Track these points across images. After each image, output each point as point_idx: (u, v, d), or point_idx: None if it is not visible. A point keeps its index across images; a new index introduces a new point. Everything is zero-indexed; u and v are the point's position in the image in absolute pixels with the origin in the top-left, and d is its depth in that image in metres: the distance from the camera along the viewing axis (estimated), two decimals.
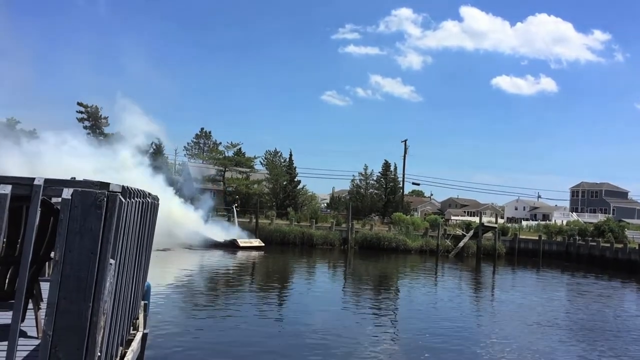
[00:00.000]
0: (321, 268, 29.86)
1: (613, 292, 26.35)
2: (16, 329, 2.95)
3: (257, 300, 17.77)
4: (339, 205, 62.12)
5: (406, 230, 41.95)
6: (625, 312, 20.34)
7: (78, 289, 2.87)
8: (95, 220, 2.92)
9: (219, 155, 55.05)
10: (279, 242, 38.64)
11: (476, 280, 28.99)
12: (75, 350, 2.85)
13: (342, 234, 40.92)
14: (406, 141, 58.95)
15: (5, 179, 2.97)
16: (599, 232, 42.98)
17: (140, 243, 4.76)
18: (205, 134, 73.55)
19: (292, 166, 55.49)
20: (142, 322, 5.95)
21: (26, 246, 3.02)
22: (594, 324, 16.48)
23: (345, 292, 21.63)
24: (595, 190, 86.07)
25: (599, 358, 12.39)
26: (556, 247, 42.54)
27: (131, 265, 4.39)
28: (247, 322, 14.06)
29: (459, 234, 42.86)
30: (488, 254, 39.50)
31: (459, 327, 14.84)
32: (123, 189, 3.31)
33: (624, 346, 13.69)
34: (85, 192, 2.93)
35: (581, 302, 21.78)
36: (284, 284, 22.68)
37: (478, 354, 12.12)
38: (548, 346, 13.18)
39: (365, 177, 61.14)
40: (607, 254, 37.47)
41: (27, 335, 4.14)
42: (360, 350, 11.74)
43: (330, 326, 13.90)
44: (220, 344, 11.56)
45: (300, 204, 52.53)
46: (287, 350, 11.43)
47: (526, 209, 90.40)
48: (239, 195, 47.91)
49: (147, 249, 5.78)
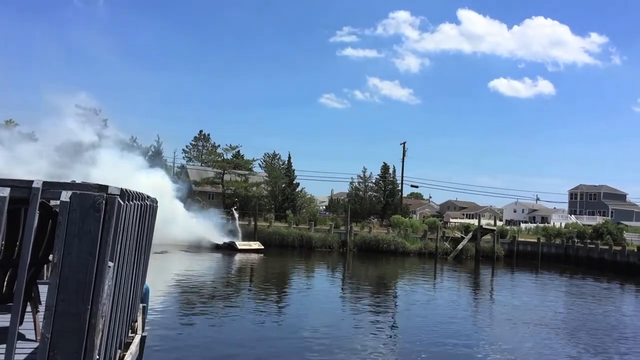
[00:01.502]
0: (320, 271, 29.84)
1: (611, 294, 26.37)
2: (14, 331, 2.95)
3: (256, 303, 17.75)
4: (337, 207, 62.10)
5: (405, 233, 41.97)
6: (624, 314, 20.35)
7: (76, 291, 2.87)
8: (93, 222, 2.91)
9: (217, 157, 55.01)
10: (278, 244, 38.61)
11: (475, 282, 28.99)
12: (73, 353, 2.84)
13: (340, 236, 40.91)
14: (405, 143, 59.10)
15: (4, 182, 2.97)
16: (597, 234, 43.01)
17: (138, 246, 4.76)
18: (204, 136, 73.46)
19: (291, 169, 55.48)
20: (140, 325, 5.94)
21: (25, 249, 3.01)
22: (591, 326, 16.48)
23: (343, 295, 21.61)
24: (594, 192, 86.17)
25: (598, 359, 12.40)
26: (555, 249, 42.57)
27: (130, 268, 4.39)
28: (245, 324, 14.05)
29: (457, 236, 42.86)
30: (487, 257, 39.52)
31: (457, 330, 14.83)
32: (122, 191, 3.30)
33: (621, 348, 13.70)
34: (83, 194, 2.92)
35: (579, 305, 21.78)
36: (283, 286, 22.66)
37: (476, 356, 12.11)
38: (545, 348, 13.18)
39: (364, 179, 61.18)
40: (606, 256, 37.50)
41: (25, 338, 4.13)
42: (359, 352, 11.72)
43: (328, 329, 13.89)
44: (219, 347, 11.54)
45: (299, 207, 52.50)
46: (285, 353, 11.41)
47: (525, 211, 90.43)
48: (238, 197, 47.89)
49: (145, 252, 5.78)
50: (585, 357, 12.68)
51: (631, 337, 15.41)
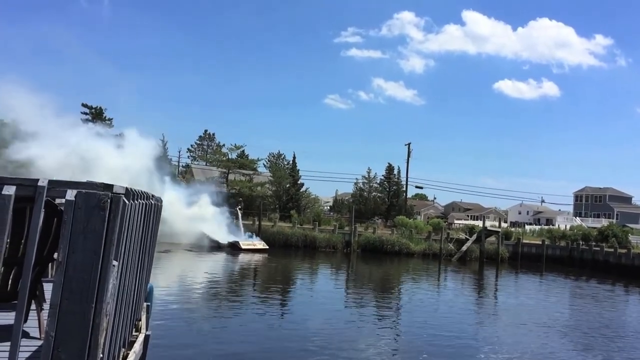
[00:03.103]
0: (324, 271, 29.83)
1: (616, 297, 26.23)
2: (19, 329, 2.96)
3: (260, 302, 17.76)
4: (342, 208, 62.09)
5: (409, 234, 41.89)
6: (628, 317, 20.24)
7: (81, 290, 2.88)
8: (98, 221, 2.92)
9: (222, 157, 55.08)
10: (282, 244, 38.63)
11: (478, 284, 28.90)
12: (77, 351, 2.85)
13: (345, 237, 40.89)
14: (410, 144, 58.98)
15: (10, 180, 2.98)
16: (602, 237, 42.74)
17: (143, 245, 4.77)
18: (209, 135, 73.58)
19: (295, 169, 55.48)
20: (144, 324, 5.95)
21: (30, 247, 3.02)
22: (595, 328, 16.40)
23: (347, 296, 21.60)
24: (599, 195, 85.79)
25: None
26: (559, 251, 42.37)
27: (134, 267, 4.40)
28: (249, 324, 14.06)
29: (462, 237, 42.73)
30: (491, 258, 39.37)
31: (460, 331, 14.79)
32: (127, 190, 3.31)
33: (624, 350, 13.62)
34: (89, 193, 2.93)
35: (583, 307, 21.68)
36: (287, 286, 22.66)
37: (479, 357, 12.08)
38: (548, 349, 13.12)
39: (369, 180, 61.06)
40: (611, 259, 37.30)
41: (29, 336, 4.14)
42: (363, 352, 11.72)
43: (332, 329, 13.88)
44: (223, 346, 11.56)
45: (303, 207, 52.50)
46: (289, 353, 11.42)
47: (529, 213, 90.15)
48: (242, 197, 47.95)
49: (150, 251, 5.78)
50: (588, 359, 12.62)
51: (634, 339, 15.32)
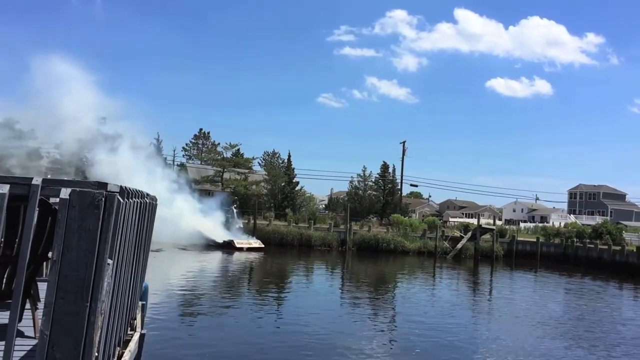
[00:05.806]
0: (319, 269, 29.85)
1: (610, 294, 26.40)
2: (13, 328, 2.95)
3: (255, 301, 17.76)
4: (337, 206, 62.09)
5: (404, 232, 41.98)
6: (621, 313, 20.36)
7: (75, 289, 2.87)
8: (93, 220, 2.92)
9: (217, 156, 54.98)
10: (277, 243, 38.62)
11: (474, 281, 29.01)
12: (72, 350, 2.85)
13: (340, 235, 40.93)
14: (404, 143, 59.06)
15: (3, 179, 2.97)
16: (596, 234, 42.99)
17: (138, 243, 4.76)
18: (204, 134, 73.36)
19: (290, 167, 55.47)
20: (139, 323, 5.95)
21: (24, 246, 3.02)
22: (589, 325, 16.50)
23: (343, 294, 21.63)
24: (593, 192, 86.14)
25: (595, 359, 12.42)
26: (554, 249, 42.60)
27: (129, 266, 4.39)
28: (244, 322, 14.06)
29: (457, 235, 42.87)
30: (486, 256, 39.52)
31: (456, 329, 14.84)
32: (121, 189, 3.30)
33: (619, 348, 13.71)
34: (83, 192, 2.93)
35: (577, 304, 21.80)
36: (282, 285, 22.67)
37: (474, 354, 12.13)
38: (543, 346, 13.19)
39: (364, 178, 61.11)
40: (605, 256, 37.52)
41: (24, 335, 4.13)
42: (358, 351, 11.73)
43: (327, 327, 13.90)
44: (218, 345, 11.55)
45: (298, 205, 52.52)
46: (284, 351, 11.42)
47: (524, 211, 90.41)
48: (237, 196, 47.89)
49: (144, 249, 5.78)
50: (582, 355, 12.69)
51: (628, 336, 15.42)
